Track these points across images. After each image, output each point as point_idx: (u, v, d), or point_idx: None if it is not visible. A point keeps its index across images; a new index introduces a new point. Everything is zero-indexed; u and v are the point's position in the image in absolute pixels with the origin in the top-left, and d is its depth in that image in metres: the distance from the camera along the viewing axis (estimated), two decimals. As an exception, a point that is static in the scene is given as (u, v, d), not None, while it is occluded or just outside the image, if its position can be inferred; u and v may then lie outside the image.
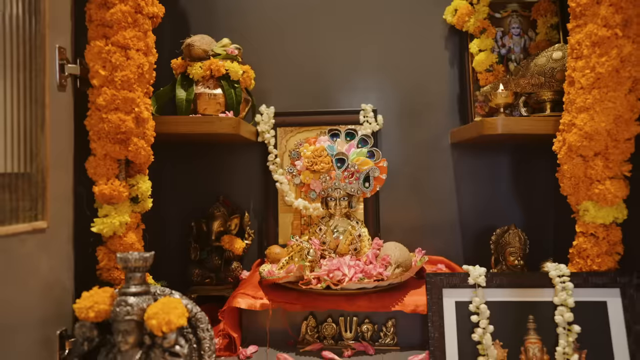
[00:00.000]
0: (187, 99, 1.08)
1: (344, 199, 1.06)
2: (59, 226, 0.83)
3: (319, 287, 0.94)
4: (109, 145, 0.86)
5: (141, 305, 0.77)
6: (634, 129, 0.86)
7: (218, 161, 1.30)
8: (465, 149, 1.28)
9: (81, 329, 0.78)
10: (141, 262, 0.78)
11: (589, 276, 0.90)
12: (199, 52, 1.10)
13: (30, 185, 0.77)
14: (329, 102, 1.28)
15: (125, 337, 0.75)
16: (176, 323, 0.75)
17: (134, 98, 0.86)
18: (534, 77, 1.04)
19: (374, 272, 0.96)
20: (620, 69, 0.84)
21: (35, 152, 0.78)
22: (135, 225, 0.92)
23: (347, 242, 1.04)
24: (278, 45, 1.29)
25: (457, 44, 1.27)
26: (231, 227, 1.21)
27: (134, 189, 0.91)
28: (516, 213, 1.25)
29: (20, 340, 0.74)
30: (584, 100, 0.87)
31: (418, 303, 0.96)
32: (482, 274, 0.90)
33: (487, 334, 0.88)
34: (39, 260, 0.78)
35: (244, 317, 1.01)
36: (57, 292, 0.83)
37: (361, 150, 1.06)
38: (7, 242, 0.71)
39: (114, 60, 0.84)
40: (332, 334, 0.99)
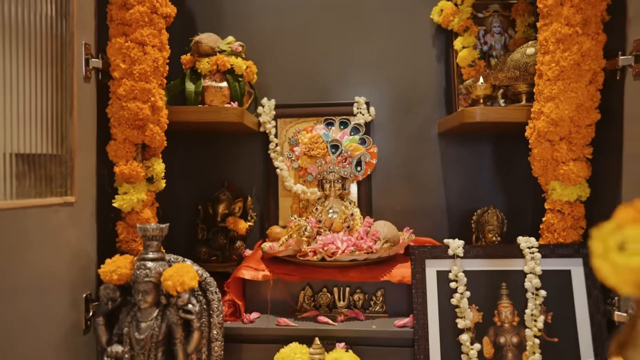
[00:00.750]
0: (196, 91, 1.18)
1: (338, 181, 1.16)
2: (85, 201, 0.94)
3: (315, 259, 1.04)
4: (128, 130, 0.97)
5: (158, 269, 0.88)
6: (593, 116, 0.97)
7: (223, 150, 1.41)
8: (451, 138, 1.38)
9: (105, 290, 0.90)
10: (158, 232, 0.89)
11: (555, 248, 1.01)
12: (206, 49, 1.20)
13: (60, 165, 0.88)
14: (325, 95, 1.39)
15: (145, 296, 0.86)
16: (189, 284, 0.86)
17: (150, 89, 0.97)
18: (510, 71, 1.15)
19: (365, 246, 1.07)
20: (581, 63, 0.95)
21: (65, 135, 0.89)
22: (151, 203, 1.03)
23: (340, 220, 1.15)
24: (278, 43, 1.40)
25: (443, 41, 1.38)
26: (235, 210, 1.32)
27: (149, 170, 1.02)
28: (498, 196, 1.36)
29: (54, 300, 0.85)
30: (550, 91, 0.98)
31: (404, 274, 1.07)
32: (460, 246, 1.01)
33: (464, 299, 0.99)
34: (68, 230, 0.89)
35: (248, 288, 1.12)
36: (83, 260, 0.94)
37: (353, 137, 1.17)
38: (44, 211, 0.82)
39: (132, 55, 0.95)
40: (327, 302, 1.10)
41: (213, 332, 0.92)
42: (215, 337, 0.92)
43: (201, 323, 0.90)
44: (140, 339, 0.85)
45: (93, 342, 0.96)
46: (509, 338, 0.97)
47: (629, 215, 0.39)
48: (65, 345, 0.87)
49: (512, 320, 0.98)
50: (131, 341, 0.86)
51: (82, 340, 0.93)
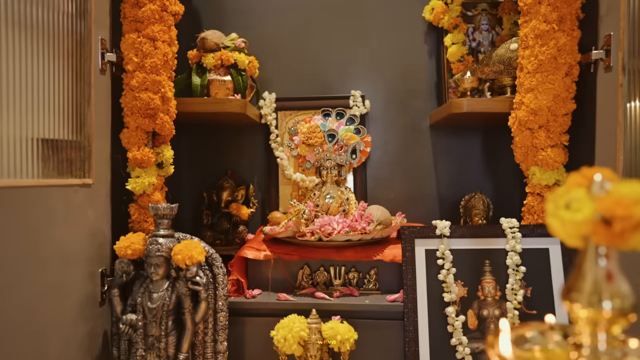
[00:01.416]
0: (202, 84, 1.27)
1: (335, 168, 1.25)
2: (101, 184, 1.02)
3: (313, 239, 1.12)
4: (140, 119, 1.05)
5: (168, 245, 0.96)
6: (569, 106, 1.05)
7: (227, 140, 1.49)
8: (442, 130, 1.47)
9: (120, 264, 0.98)
10: (168, 211, 0.97)
11: (535, 228, 1.09)
12: (211, 45, 1.29)
13: (79, 150, 0.97)
14: (323, 89, 1.47)
15: (156, 269, 0.95)
16: (197, 258, 0.94)
17: (160, 80, 1.05)
18: (495, 65, 1.23)
19: (359, 227, 1.15)
20: (558, 57, 1.03)
21: (83, 123, 0.97)
22: (160, 187, 1.11)
23: (337, 204, 1.23)
24: (279, 40, 1.48)
25: (435, 38, 1.46)
26: (238, 197, 1.41)
27: (159, 156, 1.10)
28: (485, 184, 1.44)
29: (74, 273, 0.93)
30: (530, 83, 1.06)
31: (396, 254, 1.15)
32: (447, 226, 1.09)
33: (451, 275, 1.07)
34: (86, 210, 0.97)
35: (250, 267, 1.20)
36: (99, 238, 1.02)
37: (349, 127, 1.25)
38: (66, 191, 0.90)
39: (144, 49, 1.04)
40: (323, 280, 1.18)
41: (219, 304, 1.00)
42: (220, 308, 1.00)
43: (208, 294, 0.98)
44: (153, 307, 0.94)
45: (108, 313, 1.04)
46: (491, 311, 1.06)
47: (576, 180, 0.47)
48: (83, 315, 0.95)
49: (495, 294, 1.06)
50: (144, 310, 0.95)
51: (98, 312, 1.01)
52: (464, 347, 1.03)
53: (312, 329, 0.99)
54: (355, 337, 0.99)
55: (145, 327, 0.94)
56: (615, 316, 0.44)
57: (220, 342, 1.00)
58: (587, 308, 0.45)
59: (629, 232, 0.43)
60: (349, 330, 0.99)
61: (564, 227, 0.47)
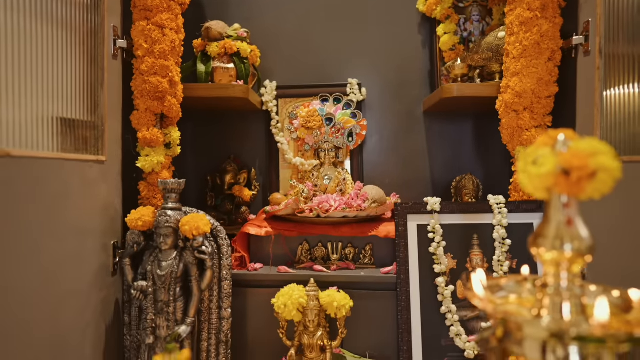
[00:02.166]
0: (206, 72, 1.34)
1: (332, 150, 1.32)
2: (113, 162, 1.09)
3: (312, 215, 1.19)
4: (149, 101, 1.12)
5: (176, 217, 1.03)
6: (552, 88, 1.12)
7: (230, 127, 1.56)
8: (435, 116, 1.53)
9: (131, 235, 1.05)
10: (176, 185, 1.04)
11: (520, 204, 1.15)
12: (215, 34, 1.36)
13: (93, 129, 1.04)
14: (321, 77, 1.54)
15: (165, 239, 1.02)
16: (203, 229, 1.01)
17: (168, 65, 1.12)
18: (484, 53, 1.30)
19: (355, 205, 1.22)
20: (541, 42, 1.10)
21: (97, 104, 1.04)
22: (168, 166, 1.19)
23: (334, 185, 1.30)
24: (280, 31, 1.55)
25: (428, 29, 1.53)
26: (240, 180, 1.48)
27: (167, 137, 1.17)
28: (477, 167, 1.50)
29: (89, 243, 1.00)
30: (515, 67, 1.13)
31: (390, 230, 1.22)
32: (438, 202, 1.16)
33: (441, 248, 1.14)
34: (100, 185, 1.04)
35: (252, 243, 1.27)
36: (111, 212, 1.09)
37: (345, 111, 1.32)
38: (82, 165, 0.97)
39: (153, 36, 1.11)
40: (322, 255, 1.25)
41: (223, 273, 1.07)
42: (224, 277, 1.07)
43: (213, 263, 1.05)
44: (162, 275, 1.01)
45: (119, 283, 1.11)
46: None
47: (543, 141, 0.54)
48: (96, 284, 1.02)
49: (482, 266, 1.13)
50: (154, 277, 1.02)
51: (110, 281, 1.08)
52: (453, 315, 1.10)
53: (310, 296, 1.06)
54: (351, 305, 1.06)
55: (155, 293, 1.01)
56: (575, 257, 0.51)
57: (224, 309, 1.07)
58: (551, 251, 0.52)
59: (584, 180, 0.50)
60: (345, 297, 1.06)
61: (531, 180, 0.54)
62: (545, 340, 0.47)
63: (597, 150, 0.50)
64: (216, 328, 1.07)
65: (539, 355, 0.48)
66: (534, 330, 0.48)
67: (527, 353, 0.49)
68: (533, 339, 0.48)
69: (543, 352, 0.48)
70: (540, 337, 0.48)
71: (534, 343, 0.48)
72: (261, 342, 1.16)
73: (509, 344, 0.51)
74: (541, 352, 0.48)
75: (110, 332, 1.06)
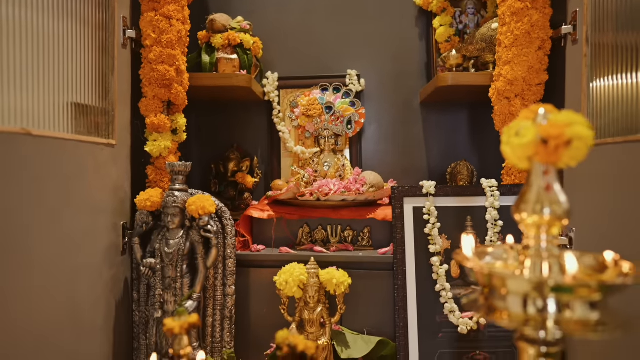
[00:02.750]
0: (211, 62, 1.39)
1: (332, 137, 1.37)
2: (123, 146, 1.15)
3: (312, 198, 1.25)
4: (157, 89, 1.18)
5: (183, 198, 1.08)
6: (542, 76, 1.17)
7: (233, 117, 1.61)
8: (431, 107, 1.58)
9: (140, 215, 1.10)
10: (183, 168, 1.10)
11: (512, 187, 1.20)
12: (219, 26, 1.41)
13: (105, 114, 1.09)
14: (321, 68, 1.59)
15: (173, 218, 1.07)
16: (208, 209, 1.06)
17: (175, 54, 1.18)
18: (478, 44, 1.35)
19: (353, 188, 1.27)
20: (531, 32, 1.15)
21: (108, 91, 1.10)
22: (174, 151, 1.24)
23: (333, 170, 1.35)
24: (281, 24, 1.60)
25: (425, 21, 1.58)
26: (243, 167, 1.53)
27: (174, 123, 1.22)
28: (472, 155, 1.55)
29: (101, 222, 1.06)
30: (507, 56, 1.18)
31: (387, 214, 1.27)
32: (433, 185, 1.21)
33: (435, 229, 1.19)
34: (110, 167, 1.09)
35: (255, 226, 1.32)
36: (121, 194, 1.15)
37: (344, 100, 1.37)
38: (94, 148, 1.02)
39: (161, 26, 1.16)
40: (321, 238, 1.30)
41: (227, 251, 1.12)
42: (229, 255, 1.12)
43: (218, 242, 1.11)
44: (169, 252, 1.06)
45: (128, 262, 1.16)
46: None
47: (525, 115, 0.59)
48: (107, 261, 1.08)
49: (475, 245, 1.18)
50: (162, 255, 1.07)
51: (120, 260, 1.13)
52: (447, 293, 1.15)
53: (310, 273, 1.11)
54: (349, 282, 1.11)
55: (163, 270, 1.07)
56: (553, 220, 0.56)
57: (228, 286, 1.12)
58: (532, 215, 0.58)
59: (561, 148, 0.55)
60: (344, 275, 1.11)
61: (514, 151, 0.59)
62: (526, 293, 0.52)
63: (572, 120, 0.55)
64: (221, 304, 1.12)
65: (520, 308, 0.53)
66: (516, 283, 0.52)
67: (510, 307, 0.54)
68: (515, 293, 0.53)
69: (524, 305, 0.53)
70: (522, 290, 0.52)
71: (516, 297, 0.53)
72: (263, 318, 1.21)
73: (494, 300, 0.56)
74: (522, 305, 0.53)
75: (120, 308, 1.12)
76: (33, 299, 0.82)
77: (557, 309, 0.51)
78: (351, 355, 1.12)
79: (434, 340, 1.15)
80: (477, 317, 1.14)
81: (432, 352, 1.15)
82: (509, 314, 0.54)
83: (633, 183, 0.87)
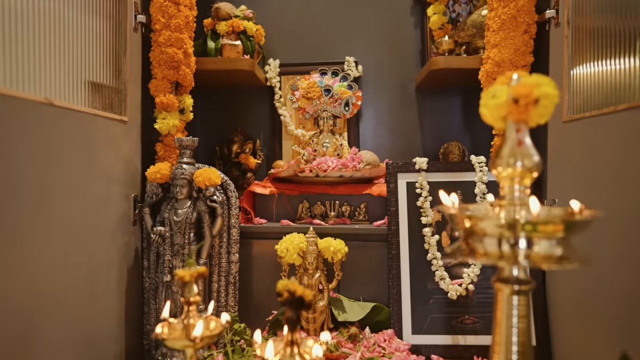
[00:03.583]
0: (216, 48, 1.47)
1: (330, 118, 1.44)
2: (133, 123, 1.22)
3: (311, 174, 1.32)
4: (166, 70, 1.25)
5: (191, 170, 1.16)
6: (528, 58, 1.24)
7: (236, 101, 1.69)
8: (426, 92, 1.66)
9: (150, 187, 1.18)
10: (190, 142, 1.17)
11: (499, 163, 1.28)
12: (224, 14, 1.49)
13: (117, 93, 1.17)
14: (321, 55, 1.67)
15: (181, 189, 1.15)
16: (214, 180, 1.14)
17: (182, 38, 1.25)
18: (469, 29, 1.42)
19: (350, 165, 1.34)
20: (517, 16, 1.22)
21: (120, 71, 1.18)
22: (182, 130, 1.31)
23: (332, 150, 1.43)
24: (283, 13, 1.68)
25: (419, 10, 1.65)
26: (246, 149, 1.61)
27: (181, 103, 1.30)
28: (464, 137, 1.62)
29: (114, 192, 1.13)
30: (495, 39, 1.25)
31: (382, 190, 1.35)
32: (425, 162, 1.28)
33: (427, 202, 1.26)
34: (122, 142, 1.17)
35: (257, 201, 1.40)
36: (132, 168, 1.22)
37: (342, 83, 1.45)
38: (108, 122, 1.10)
39: (169, 11, 1.24)
40: (320, 212, 1.38)
41: (231, 221, 1.20)
42: (233, 225, 1.20)
43: (223, 211, 1.18)
44: (178, 220, 1.14)
45: (139, 232, 1.24)
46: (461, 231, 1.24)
47: (501, 80, 0.67)
48: (120, 229, 1.15)
49: (464, 218, 1.25)
50: (171, 223, 1.15)
51: (131, 229, 1.21)
52: (438, 261, 1.23)
53: (309, 241, 1.18)
54: (345, 250, 1.19)
55: (171, 237, 1.14)
56: (524, 172, 0.64)
57: (232, 254, 1.20)
58: (506, 168, 0.65)
59: (530, 106, 0.62)
60: (340, 243, 1.19)
61: (490, 111, 0.66)
62: (500, 234, 0.59)
63: (540, 82, 0.63)
64: (225, 271, 1.20)
65: (496, 247, 0.60)
66: (492, 223, 0.59)
67: (487, 247, 0.61)
68: (491, 235, 0.60)
69: (499, 245, 0.60)
70: (497, 231, 0.59)
71: (492, 239, 0.60)
72: (265, 286, 1.29)
73: (474, 243, 0.63)
74: (498, 245, 0.60)
75: (131, 274, 1.19)
76: (56, 256, 0.89)
77: (527, 245, 0.58)
78: (347, 318, 1.19)
79: (425, 306, 1.23)
80: (465, 284, 1.21)
81: (424, 317, 1.22)
82: (486, 253, 0.61)
83: (608, 153, 0.94)
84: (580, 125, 1.05)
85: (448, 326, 1.21)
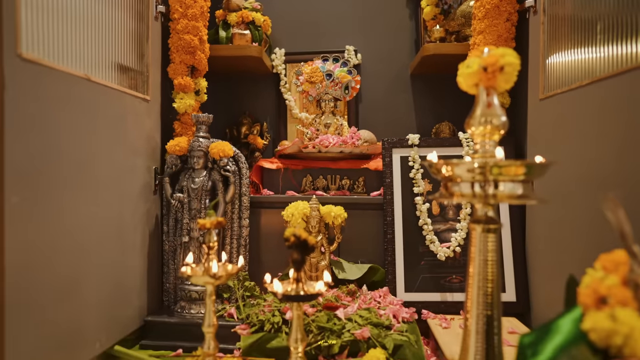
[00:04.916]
0: (227, 37, 1.61)
1: (331, 101, 1.58)
2: (154, 102, 1.36)
3: (314, 150, 1.46)
4: (183, 55, 1.39)
5: (206, 143, 1.30)
6: (510, 44, 1.38)
7: (245, 88, 1.83)
8: (421, 79, 1.79)
9: (170, 158, 1.32)
10: (206, 119, 1.31)
11: (485, 139, 1.41)
12: (234, 6, 1.62)
13: (141, 74, 1.30)
14: (323, 44, 1.80)
15: (198, 160, 1.28)
16: (227, 152, 1.27)
17: (198, 26, 1.39)
18: (458, 19, 1.55)
19: (350, 142, 1.48)
20: (500, 6, 1.35)
21: (143, 55, 1.31)
22: (197, 109, 1.45)
23: (333, 129, 1.56)
24: (288, 6, 1.81)
25: (414, 2, 1.79)
26: (254, 131, 1.74)
27: (196, 85, 1.44)
28: (456, 119, 1.76)
29: (139, 161, 1.27)
30: (480, 27, 1.39)
31: (379, 165, 1.48)
32: (417, 138, 1.42)
33: (419, 174, 1.39)
34: (145, 119, 1.31)
35: (265, 175, 1.54)
36: (153, 143, 1.36)
37: (343, 69, 1.58)
38: (134, 100, 1.24)
39: (186, 2, 1.37)
40: (322, 186, 1.51)
41: (242, 189, 1.34)
42: (244, 193, 1.33)
43: (235, 180, 1.32)
44: (195, 188, 1.27)
45: (159, 201, 1.38)
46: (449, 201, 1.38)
47: (474, 53, 0.80)
48: (143, 196, 1.29)
49: (453, 188, 1.38)
50: (188, 190, 1.28)
51: (152, 198, 1.35)
52: (429, 226, 1.36)
53: (312, 207, 1.32)
54: (345, 215, 1.32)
55: (189, 203, 1.28)
56: (493, 130, 0.77)
57: (243, 219, 1.33)
58: (478, 127, 0.78)
59: (496, 73, 0.76)
60: (340, 209, 1.32)
61: (465, 79, 0.80)
62: (473, 177, 0.72)
63: (505, 52, 0.76)
64: (237, 234, 1.33)
65: (470, 189, 0.72)
66: (466, 167, 0.72)
67: (462, 190, 0.74)
68: (466, 179, 0.73)
69: (472, 187, 0.72)
70: (469, 175, 0.72)
71: (467, 183, 0.73)
72: (272, 248, 1.42)
73: (452, 187, 0.76)
74: (471, 187, 0.72)
75: (153, 237, 1.33)
76: (90, 214, 1.03)
77: (494, 186, 0.71)
78: (347, 277, 1.33)
79: (417, 267, 1.36)
80: (453, 247, 1.34)
81: (415, 277, 1.36)
82: (462, 194, 0.74)
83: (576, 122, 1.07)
84: (554, 101, 1.18)
85: (437, 285, 1.34)
